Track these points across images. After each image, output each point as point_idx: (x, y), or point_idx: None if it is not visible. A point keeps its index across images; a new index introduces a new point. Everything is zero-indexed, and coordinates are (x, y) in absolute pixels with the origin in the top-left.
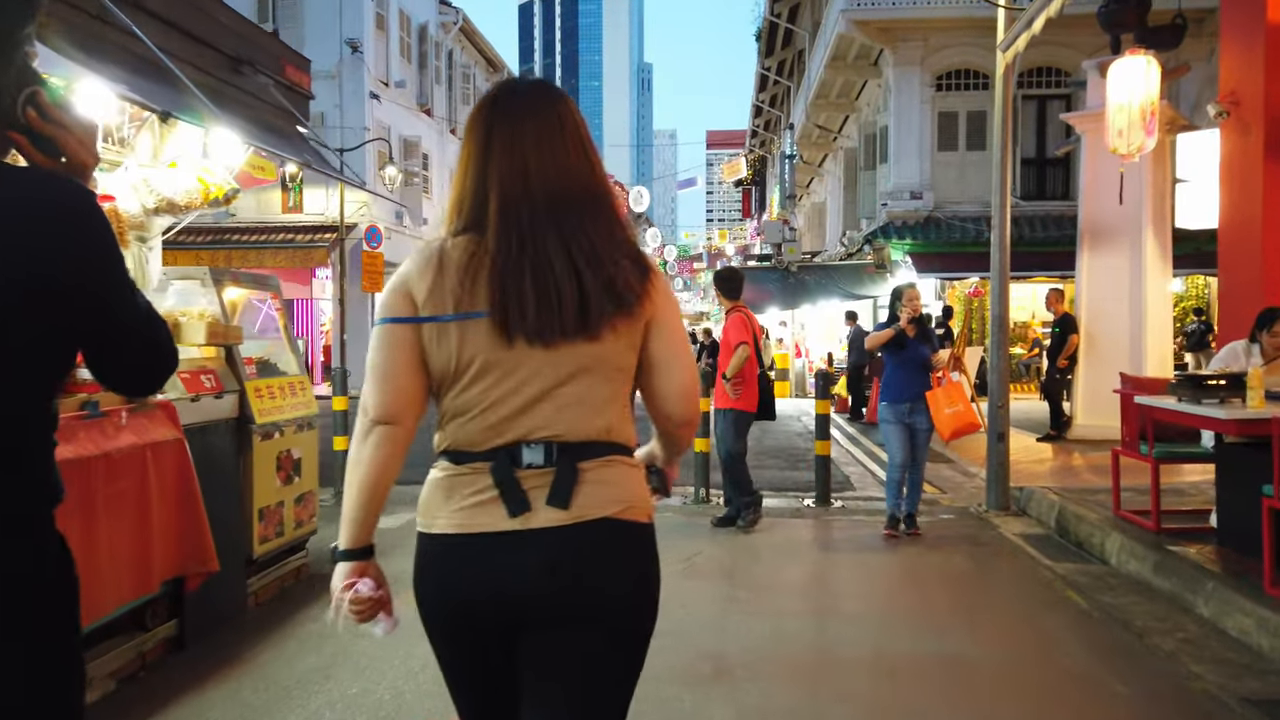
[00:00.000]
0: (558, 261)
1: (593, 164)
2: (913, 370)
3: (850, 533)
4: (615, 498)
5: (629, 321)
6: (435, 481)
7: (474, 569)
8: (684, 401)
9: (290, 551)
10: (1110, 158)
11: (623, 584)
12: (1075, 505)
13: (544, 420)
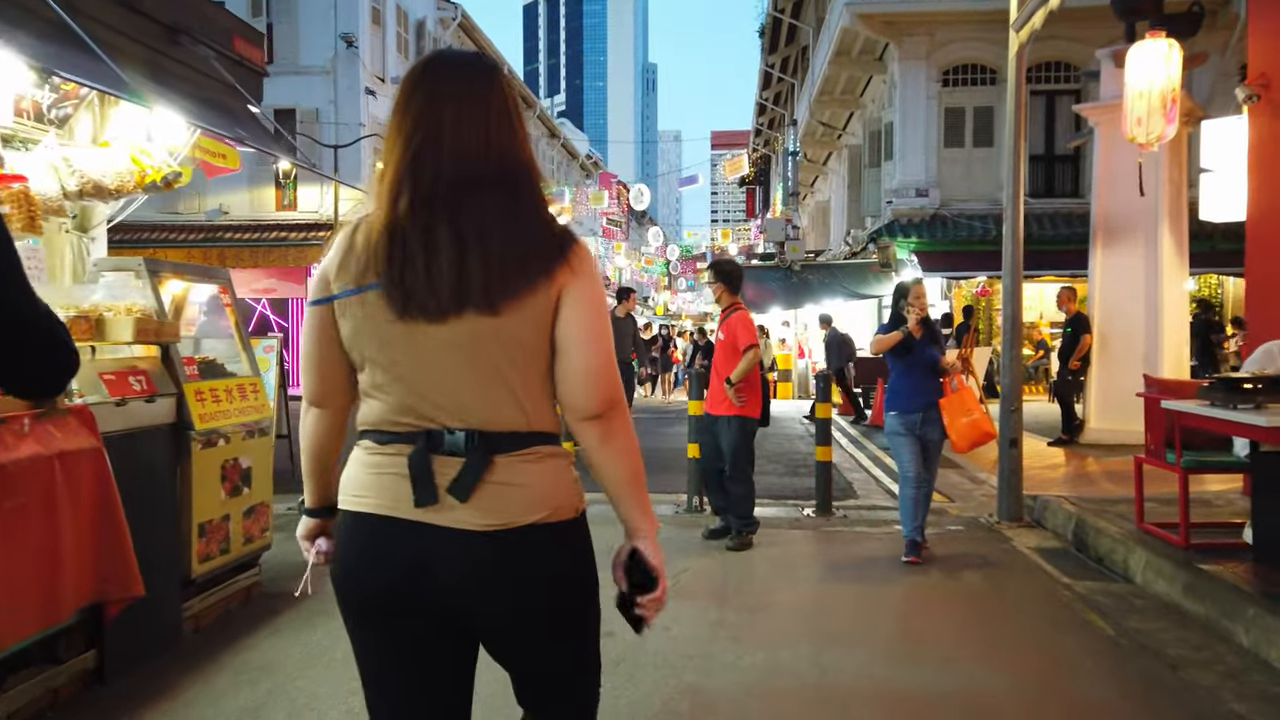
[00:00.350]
0: (449, 234)
1: (516, 141)
2: (922, 375)
3: (852, 546)
4: (543, 500)
5: (531, 298)
6: (356, 458)
7: (379, 550)
8: (584, 385)
9: (239, 569)
10: (1124, 151)
11: (554, 593)
12: (1094, 517)
13: (460, 404)
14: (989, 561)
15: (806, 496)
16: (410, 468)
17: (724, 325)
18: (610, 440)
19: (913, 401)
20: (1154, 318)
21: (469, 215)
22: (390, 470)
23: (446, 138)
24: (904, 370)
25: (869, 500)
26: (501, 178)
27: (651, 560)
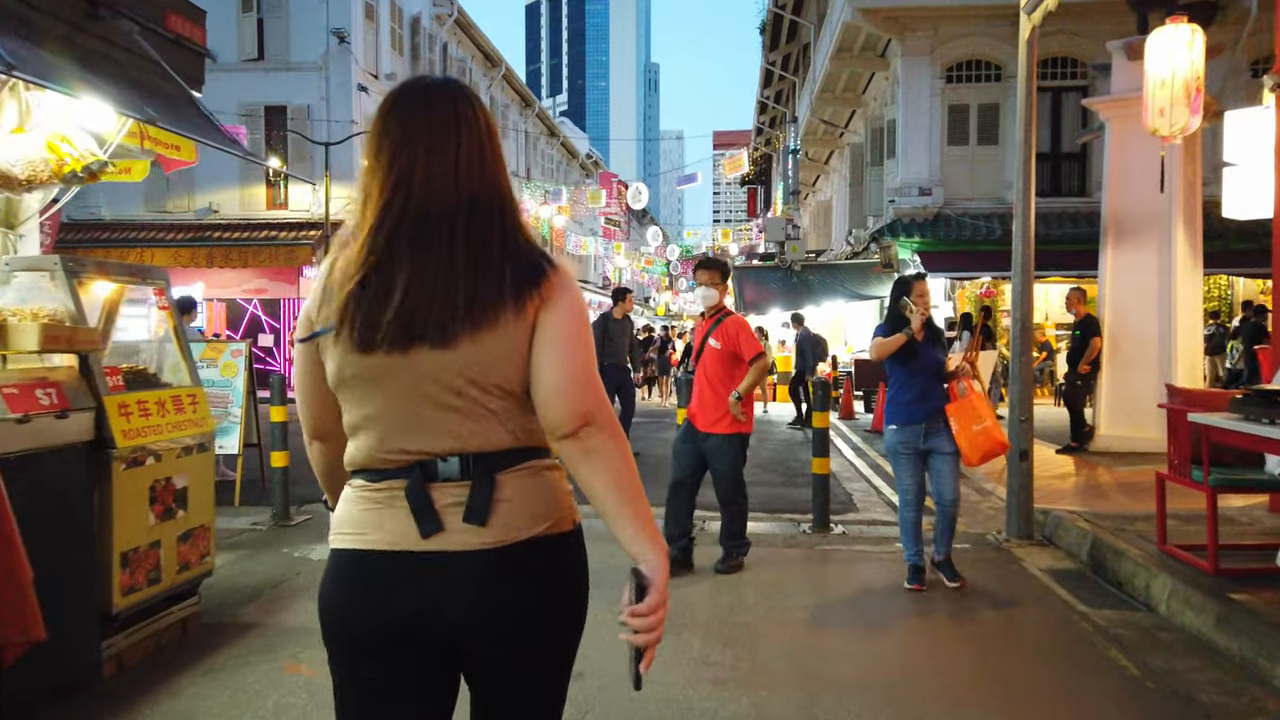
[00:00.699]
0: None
1: (489, 167)
2: (927, 382)
3: (851, 569)
4: (540, 513)
5: (503, 325)
6: (349, 497)
7: (382, 582)
8: (555, 406)
9: (174, 600)
10: (1137, 146)
11: (549, 605)
12: (1111, 536)
13: (443, 432)
14: (999, 587)
15: (803, 509)
16: (410, 500)
17: (719, 331)
18: (590, 457)
19: (917, 411)
20: (1167, 320)
21: (439, 249)
22: (387, 505)
23: (418, 167)
24: (906, 377)
25: (869, 514)
26: (473, 209)
27: (650, 580)
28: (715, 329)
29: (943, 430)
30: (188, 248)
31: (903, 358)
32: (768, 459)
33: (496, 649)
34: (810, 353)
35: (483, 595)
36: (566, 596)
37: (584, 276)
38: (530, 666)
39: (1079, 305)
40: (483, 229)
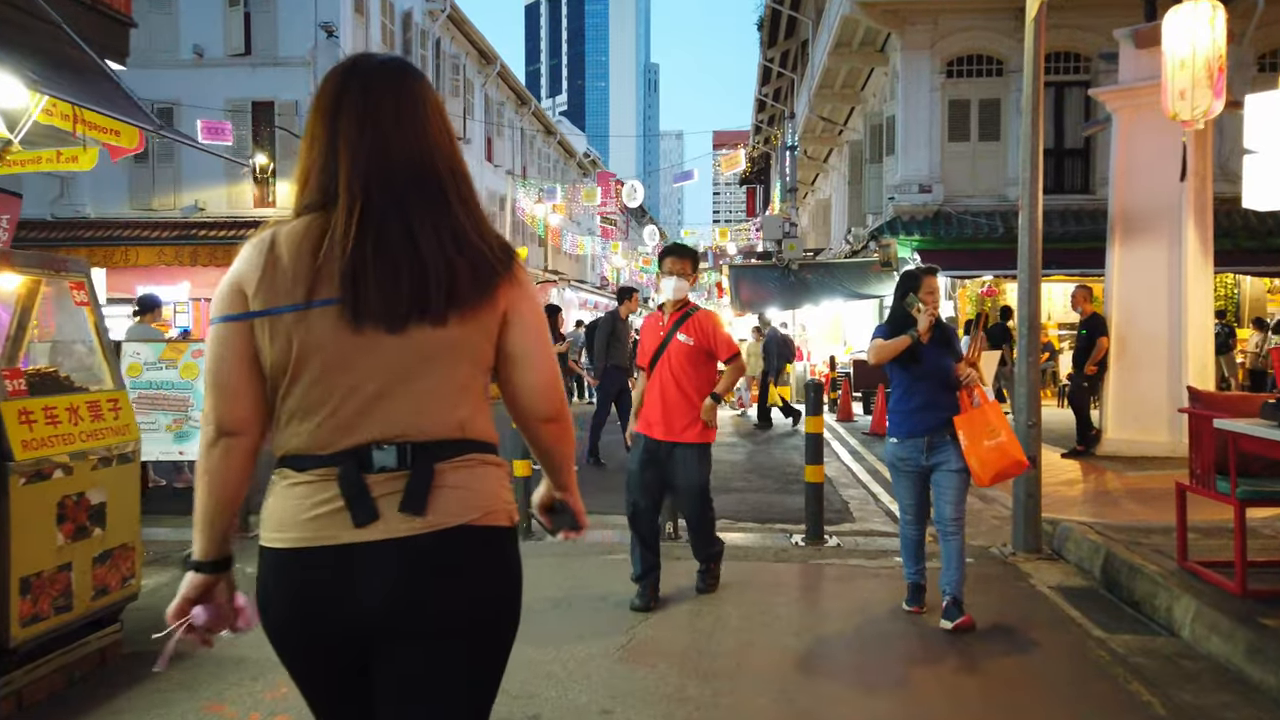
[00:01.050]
0: (412, 241)
1: (449, 145)
2: (932, 390)
3: (846, 587)
4: (473, 503)
5: (485, 308)
6: (277, 491)
7: (319, 586)
8: (546, 395)
9: (90, 628)
10: (1145, 138)
11: (482, 596)
12: (1126, 551)
13: (395, 418)
14: (1006, 608)
15: (797, 519)
16: (344, 489)
17: (691, 326)
18: (563, 436)
19: (920, 423)
20: (1177, 318)
21: (430, 222)
22: (315, 497)
23: (393, 139)
24: (909, 384)
25: (866, 524)
26: (449, 181)
27: (577, 506)
28: (684, 323)
29: (949, 445)
30: (173, 246)
31: (905, 362)
32: (763, 464)
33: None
34: (776, 354)
35: (411, 579)
36: (497, 586)
37: (581, 276)
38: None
39: (1085, 304)
40: (462, 206)
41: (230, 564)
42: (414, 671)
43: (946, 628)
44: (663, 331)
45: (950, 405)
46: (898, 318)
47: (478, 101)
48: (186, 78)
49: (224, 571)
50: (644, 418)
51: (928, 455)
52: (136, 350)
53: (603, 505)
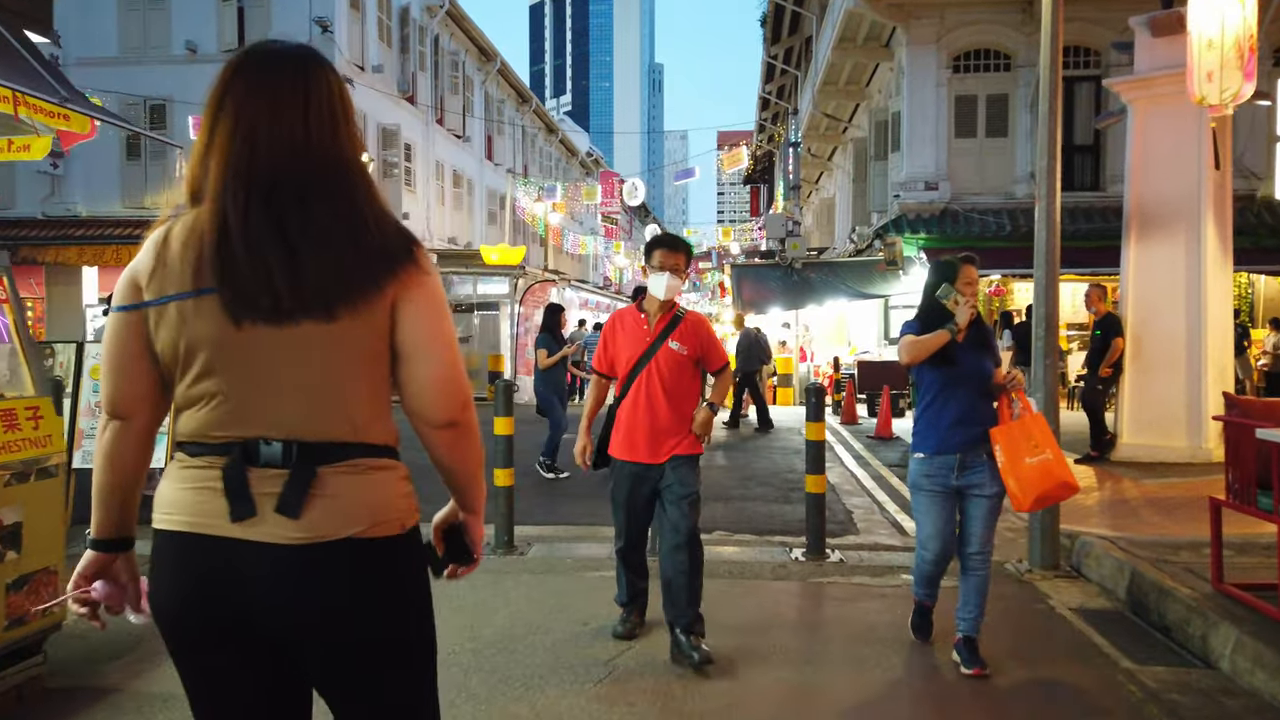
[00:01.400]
0: (281, 236)
1: (341, 136)
2: (969, 398)
3: (849, 609)
4: (359, 514)
5: (373, 301)
6: (170, 473)
7: (198, 570)
8: (439, 395)
9: (7, 660)
10: (1162, 130)
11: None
12: (1154, 570)
13: (283, 414)
14: (1024, 634)
15: (798, 530)
16: (225, 481)
17: (684, 332)
18: (461, 444)
19: (951, 437)
20: (1196, 318)
21: (304, 216)
22: (202, 484)
23: (261, 133)
24: (942, 390)
25: (871, 537)
26: (328, 175)
27: (473, 534)
28: (676, 328)
29: (984, 464)
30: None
31: (938, 364)
32: (763, 471)
33: (307, 653)
34: (746, 355)
35: (286, 594)
36: (380, 604)
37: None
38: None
39: (1099, 303)
40: (350, 196)
41: (129, 545)
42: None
43: (968, 674)
44: (648, 338)
45: (988, 416)
46: (931, 312)
47: (477, 99)
48: (179, 74)
49: (121, 551)
50: (625, 440)
51: (959, 475)
52: (99, 352)
53: (596, 515)
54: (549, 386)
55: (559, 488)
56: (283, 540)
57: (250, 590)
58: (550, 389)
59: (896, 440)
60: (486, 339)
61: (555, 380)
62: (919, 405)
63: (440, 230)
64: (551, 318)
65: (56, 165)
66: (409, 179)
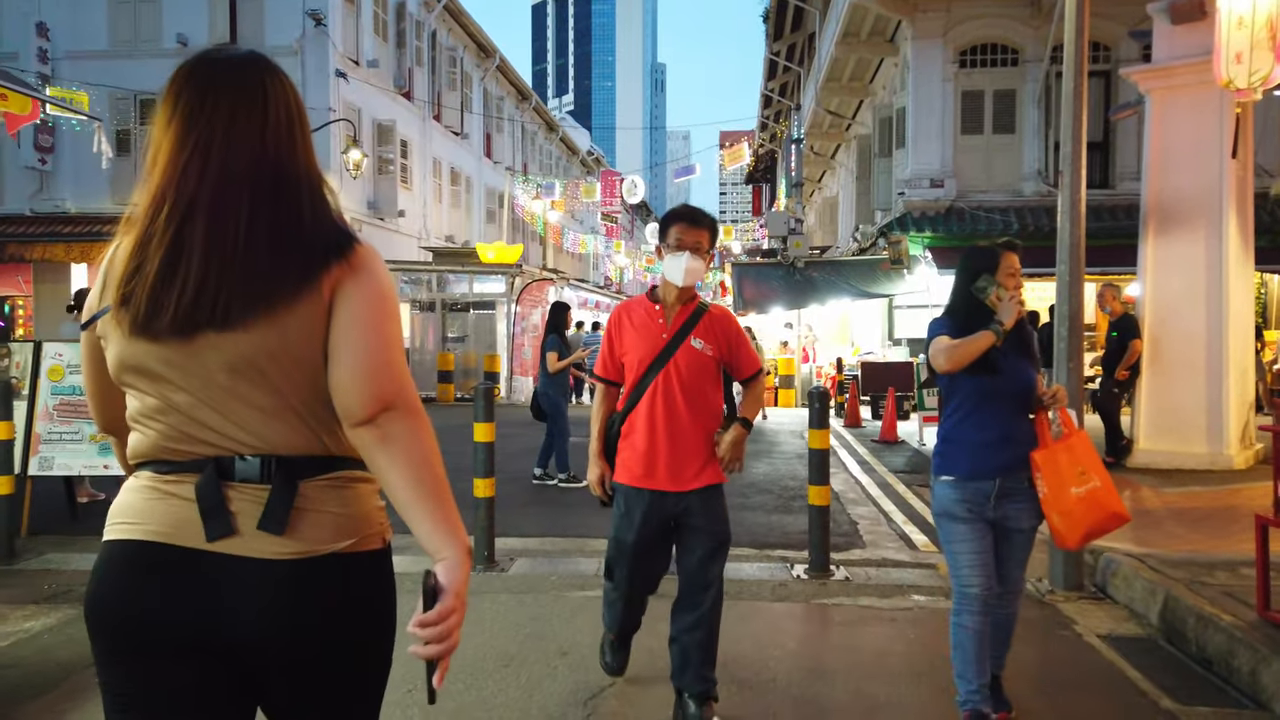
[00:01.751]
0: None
1: (298, 146)
2: (1011, 413)
3: (856, 638)
4: (346, 528)
5: (290, 309)
6: (132, 487)
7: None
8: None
9: None
10: (1184, 121)
11: (356, 627)
12: (1189, 594)
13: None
14: (1050, 666)
15: (799, 543)
16: (199, 498)
17: (707, 328)
18: (387, 445)
19: (988, 459)
20: (1217, 318)
21: (251, 227)
22: (173, 496)
23: (226, 143)
24: (979, 403)
25: (878, 551)
26: (283, 187)
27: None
28: (698, 323)
29: (1024, 493)
30: None
31: (979, 372)
32: (762, 477)
33: (282, 671)
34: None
35: (273, 610)
36: (366, 621)
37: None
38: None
39: (1114, 302)
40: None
41: None
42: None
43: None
44: (665, 334)
45: (1029, 436)
46: (967, 309)
47: (476, 95)
48: (170, 67)
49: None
50: (639, 462)
51: (996, 504)
52: (58, 351)
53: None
54: (558, 390)
55: (550, 496)
56: (269, 555)
57: (227, 606)
58: (559, 392)
59: (902, 444)
60: (482, 339)
61: (562, 383)
62: (947, 420)
63: (438, 228)
64: (558, 317)
65: (45, 161)
66: (405, 176)
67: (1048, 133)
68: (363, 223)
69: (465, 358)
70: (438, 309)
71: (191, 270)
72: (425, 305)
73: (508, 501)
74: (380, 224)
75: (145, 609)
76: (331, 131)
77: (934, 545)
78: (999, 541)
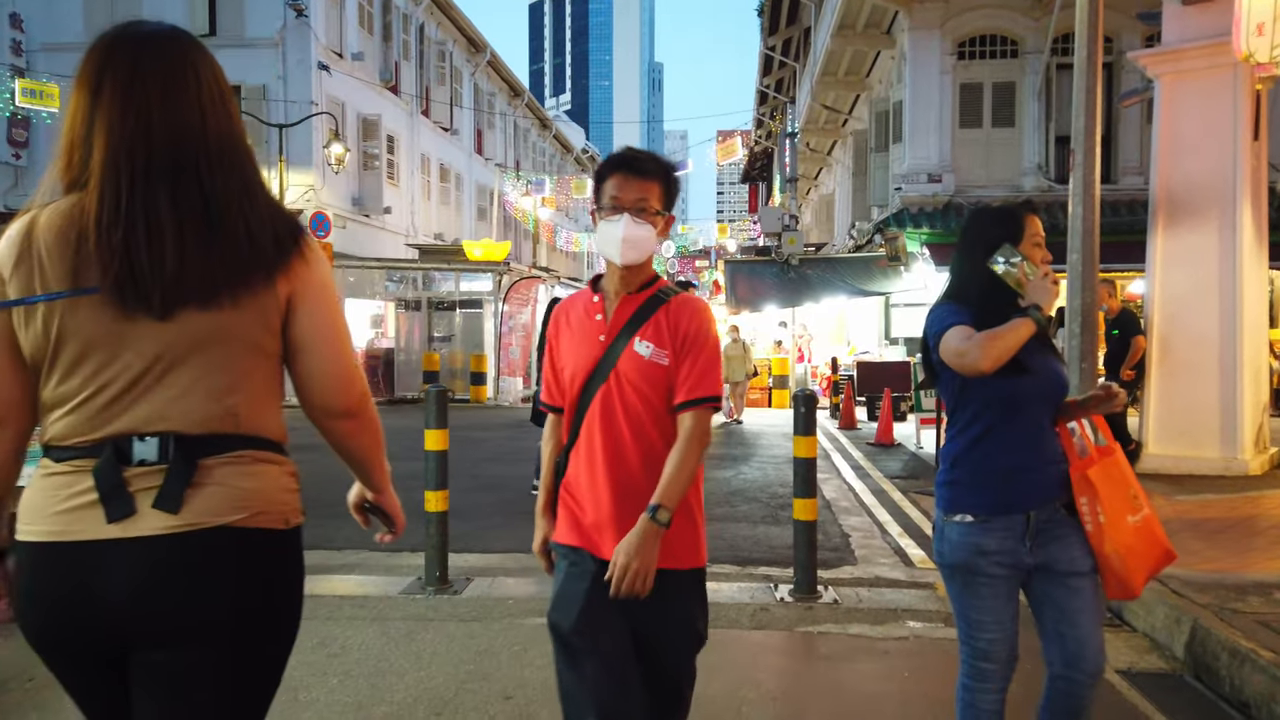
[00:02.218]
0: (171, 221)
1: (231, 118)
2: (1036, 424)
3: (843, 676)
4: (240, 502)
5: (261, 292)
6: (35, 482)
7: (69, 582)
8: (337, 388)
9: None
10: (1195, 108)
11: (240, 602)
12: (1220, 623)
13: (159, 407)
14: None
15: (785, 560)
16: (98, 482)
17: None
18: (362, 433)
19: (1017, 485)
20: (1231, 314)
21: (197, 204)
22: (71, 489)
23: (155, 114)
24: (1003, 413)
25: (871, 568)
26: (221, 158)
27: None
28: (648, 319)
29: (1065, 524)
30: None
31: (1008, 372)
32: (749, 484)
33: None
34: None
35: (162, 580)
36: (259, 593)
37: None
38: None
39: (1110, 300)
40: (234, 179)
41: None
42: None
43: None
44: (603, 336)
45: (1059, 450)
46: (981, 290)
47: (466, 91)
48: None
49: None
50: (577, 516)
51: (1033, 547)
52: None
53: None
54: None
55: (529, 507)
56: (159, 530)
57: (116, 587)
58: None
59: (898, 447)
60: (469, 337)
61: None
62: (960, 439)
63: (426, 225)
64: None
65: (19, 156)
66: (391, 171)
67: (1048, 126)
68: (347, 219)
69: (451, 357)
70: (423, 308)
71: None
72: (411, 304)
73: (478, 512)
74: (366, 220)
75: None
76: (314, 125)
77: (931, 563)
78: (1053, 594)
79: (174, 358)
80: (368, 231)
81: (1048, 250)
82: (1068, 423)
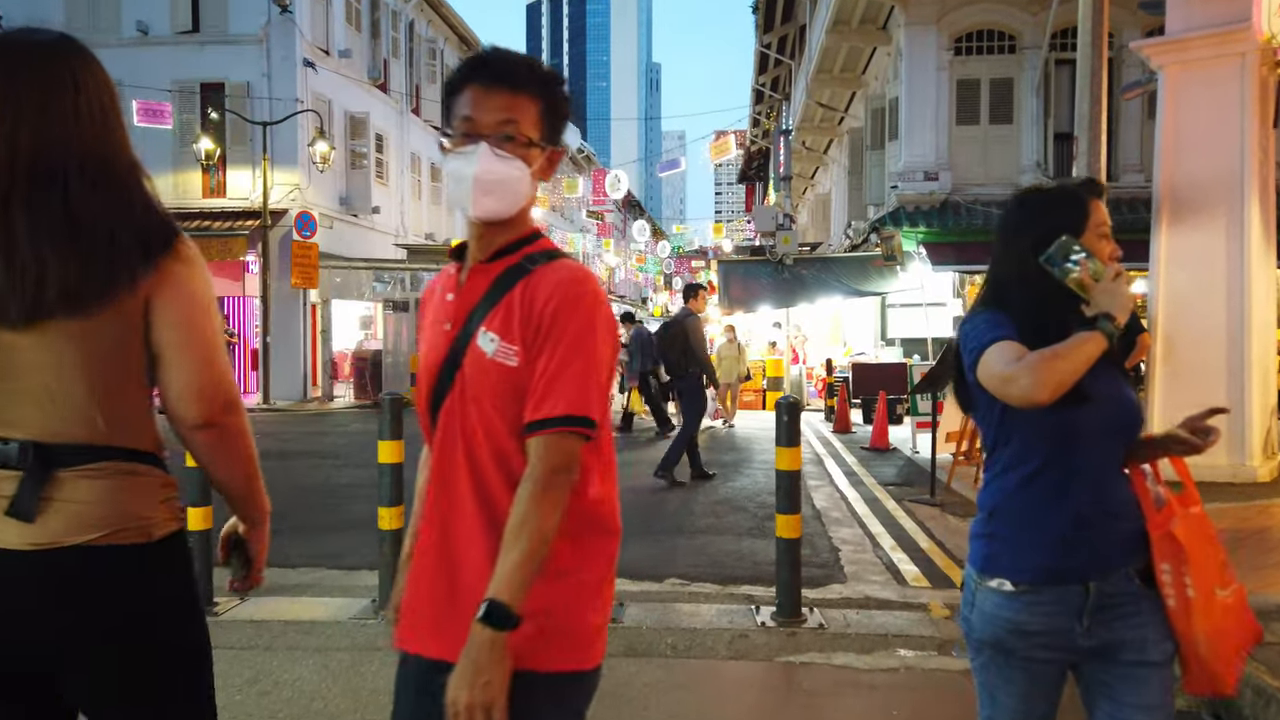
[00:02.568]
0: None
1: (112, 130)
2: (1100, 466)
3: (826, 712)
4: (99, 519)
5: (121, 299)
6: None
7: None
8: (194, 397)
9: None
10: (1201, 100)
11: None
12: (1266, 672)
13: (21, 415)
14: None
15: (769, 578)
16: None
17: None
18: (223, 448)
19: (1074, 546)
20: (1239, 315)
21: (62, 214)
22: None
23: (37, 126)
24: (1056, 450)
25: (860, 586)
26: (98, 171)
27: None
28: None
29: (1137, 598)
30: None
31: (1064, 402)
32: (738, 492)
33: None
34: (640, 355)
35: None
36: (124, 610)
37: None
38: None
39: None
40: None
41: None
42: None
43: None
44: (449, 323)
45: (1133, 502)
46: (1029, 295)
47: None
48: (129, 57)
49: None
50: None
51: (1093, 625)
52: None
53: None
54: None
55: None
56: (13, 546)
57: None
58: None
59: (893, 452)
60: None
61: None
62: (998, 482)
63: (416, 225)
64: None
65: None
66: (380, 170)
67: (1047, 123)
68: (334, 219)
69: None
70: (411, 308)
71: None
72: (399, 305)
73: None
74: (354, 220)
75: None
76: (299, 123)
77: (925, 580)
78: (1110, 687)
79: (35, 366)
80: (356, 231)
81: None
82: (1140, 464)
